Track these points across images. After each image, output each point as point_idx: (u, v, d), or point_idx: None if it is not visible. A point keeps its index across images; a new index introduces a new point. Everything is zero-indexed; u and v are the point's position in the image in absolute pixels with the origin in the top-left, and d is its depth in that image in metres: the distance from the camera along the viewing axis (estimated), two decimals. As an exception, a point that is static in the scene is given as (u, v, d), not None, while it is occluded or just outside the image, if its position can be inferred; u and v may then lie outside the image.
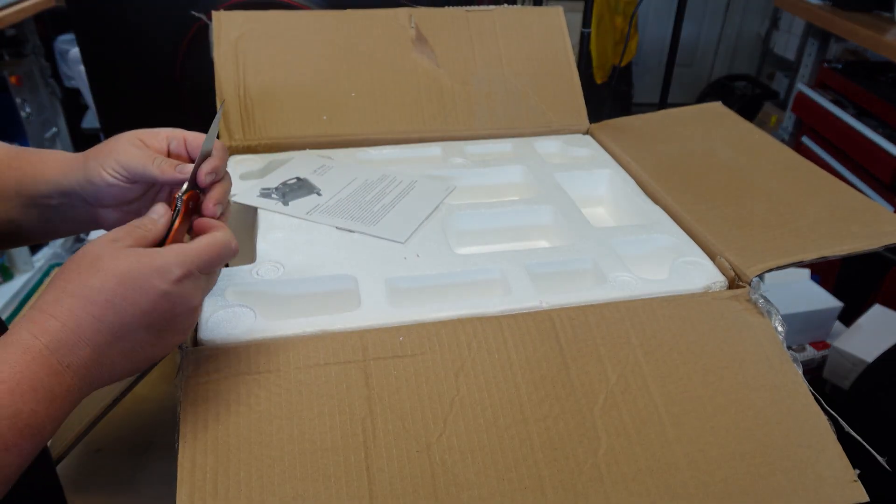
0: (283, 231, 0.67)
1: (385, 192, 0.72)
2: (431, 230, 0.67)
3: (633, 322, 0.56)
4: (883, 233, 0.62)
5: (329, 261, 0.62)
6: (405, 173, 0.76)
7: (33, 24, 1.83)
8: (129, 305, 0.41)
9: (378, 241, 0.65)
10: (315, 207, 0.69)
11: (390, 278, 0.60)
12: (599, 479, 0.47)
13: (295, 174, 0.73)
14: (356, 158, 0.80)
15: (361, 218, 0.67)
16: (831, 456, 0.49)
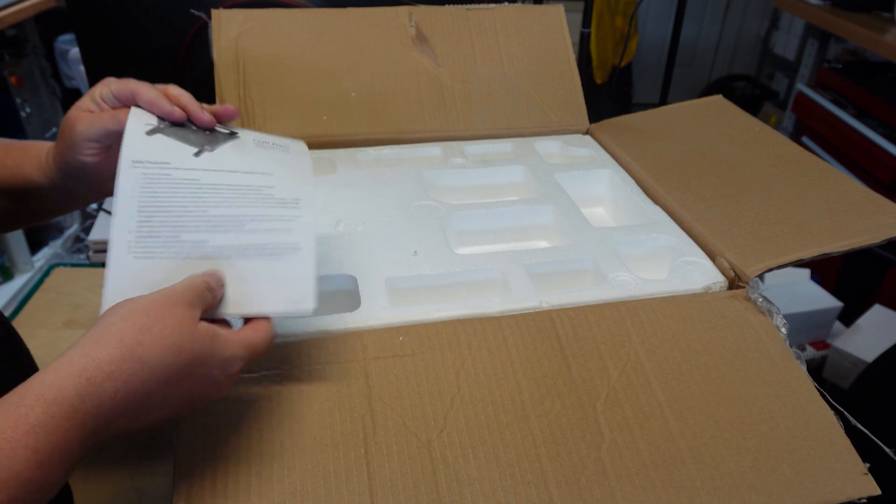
0: (283, 230, 0.67)
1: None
2: (431, 230, 0.67)
3: (634, 321, 0.56)
4: (884, 225, 0.61)
5: (329, 261, 0.62)
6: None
7: (33, 24, 1.83)
8: (181, 387, 0.40)
9: (378, 241, 0.65)
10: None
11: (390, 278, 0.60)
12: (603, 474, 0.47)
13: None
14: (356, 159, 0.80)
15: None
16: (839, 449, 0.49)
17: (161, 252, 0.45)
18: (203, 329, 0.40)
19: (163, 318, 0.39)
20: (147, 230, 0.45)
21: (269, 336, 0.45)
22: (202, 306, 0.42)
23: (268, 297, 0.46)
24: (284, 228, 0.47)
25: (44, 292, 1.03)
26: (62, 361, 0.36)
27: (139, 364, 0.37)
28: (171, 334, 0.38)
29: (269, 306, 0.45)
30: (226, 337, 0.42)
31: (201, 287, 0.42)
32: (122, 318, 0.39)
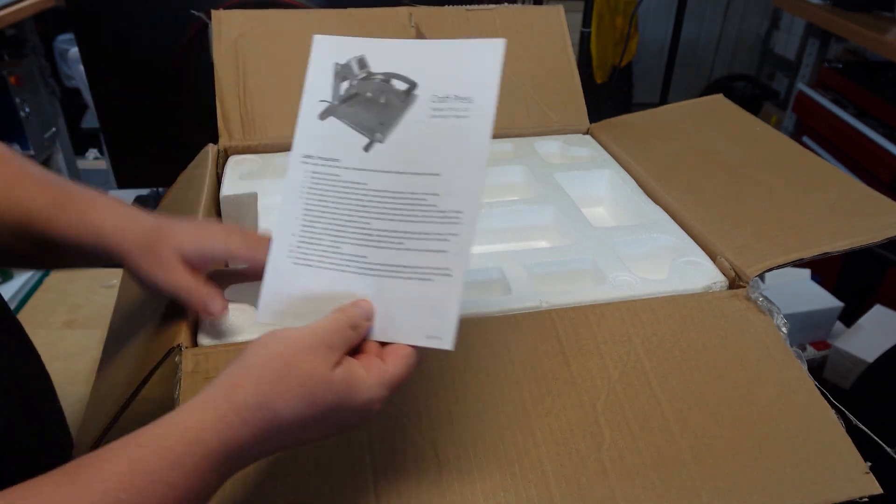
0: (283, 230, 0.66)
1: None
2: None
3: (634, 321, 0.56)
4: (885, 225, 0.61)
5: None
6: None
7: (33, 24, 1.83)
8: (315, 432, 0.40)
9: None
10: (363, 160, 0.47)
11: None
12: (604, 473, 0.47)
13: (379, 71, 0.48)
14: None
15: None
16: (841, 449, 0.49)
17: (319, 262, 0.45)
18: (339, 377, 0.39)
19: (299, 365, 0.38)
20: (309, 236, 0.45)
21: (411, 366, 0.42)
22: (344, 347, 0.41)
23: (410, 325, 0.43)
24: (439, 250, 0.44)
25: (44, 292, 1.02)
26: (205, 400, 0.37)
27: (272, 414, 0.37)
28: (306, 383, 0.38)
29: (408, 336, 0.43)
30: (362, 380, 0.40)
31: (344, 326, 0.41)
32: (263, 361, 0.38)
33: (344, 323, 0.41)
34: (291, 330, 0.40)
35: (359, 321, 0.42)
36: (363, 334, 0.43)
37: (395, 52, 0.46)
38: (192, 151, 0.83)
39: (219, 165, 0.79)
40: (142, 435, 0.35)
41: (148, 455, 0.34)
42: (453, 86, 0.45)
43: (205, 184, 0.73)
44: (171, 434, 0.35)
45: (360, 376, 0.40)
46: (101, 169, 2.11)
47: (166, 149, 1.15)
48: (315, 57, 0.47)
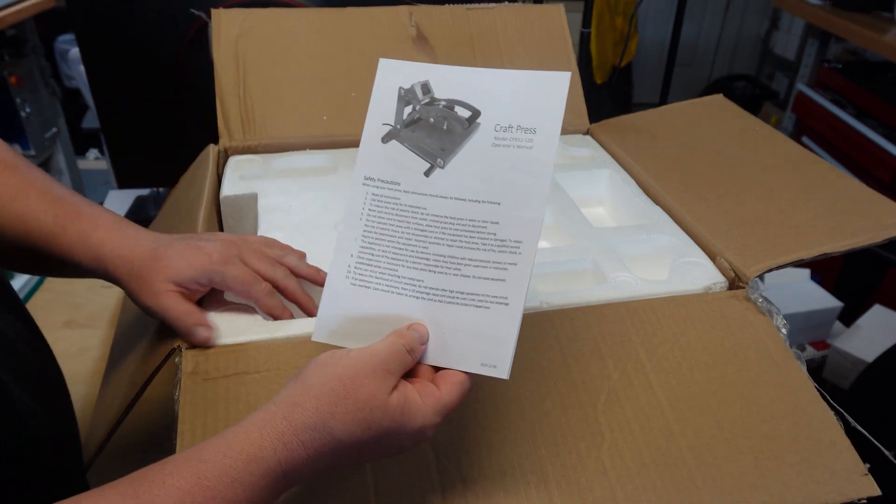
0: (283, 232, 0.67)
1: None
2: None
3: (634, 321, 0.56)
4: (885, 225, 0.61)
5: (329, 261, 0.62)
6: None
7: (33, 24, 1.83)
8: (370, 455, 0.40)
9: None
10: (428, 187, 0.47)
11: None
12: (604, 474, 0.47)
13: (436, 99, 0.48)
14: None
15: None
16: (840, 450, 0.49)
17: (376, 284, 0.45)
18: (395, 402, 0.39)
19: (358, 388, 0.39)
20: (367, 257, 0.46)
21: (465, 393, 0.42)
22: (400, 371, 0.41)
23: (465, 352, 0.43)
24: (497, 279, 0.44)
25: (44, 292, 1.02)
26: (265, 418, 0.38)
27: (329, 436, 0.38)
28: (363, 408, 0.38)
29: (463, 363, 0.43)
30: (417, 407, 0.40)
31: (402, 351, 0.42)
32: (322, 381, 0.39)
33: (401, 347, 0.42)
34: (351, 352, 0.41)
35: (415, 345, 0.43)
36: (418, 358, 0.43)
37: (459, 79, 0.47)
38: (192, 151, 0.83)
39: (219, 166, 0.79)
40: (204, 450, 0.36)
41: (209, 471, 0.35)
42: (517, 116, 0.45)
43: (205, 184, 0.73)
44: (231, 451, 0.36)
45: (415, 402, 0.40)
46: (102, 169, 2.11)
47: (166, 149, 1.15)
48: (380, 80, 0.48)
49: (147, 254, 0.50)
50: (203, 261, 0.51)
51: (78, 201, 0.53)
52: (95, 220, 0.52)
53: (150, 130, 1.15)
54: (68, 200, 0.52)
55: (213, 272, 0.51)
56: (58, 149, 1.97)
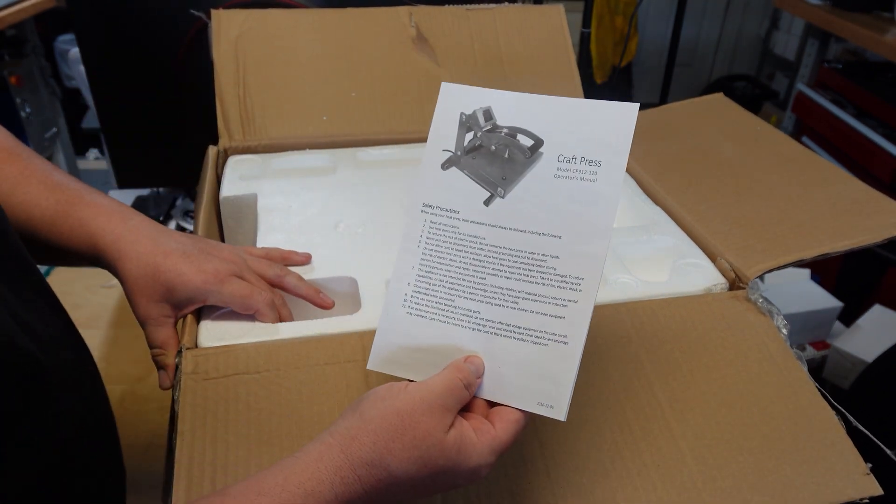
0: (283, 233, 0.67)
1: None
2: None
3: (634, 322, 0.56)
4: (885, 225, 0.61)
5: (329, 262, 0.62)
6: None
7: (33, 24, 1.83)
8: (424, 491, 0.40)
9: (378, 243, 0.65)
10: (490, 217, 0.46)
11: (390, 279, 0.60)
12: (605, 475, 0.47)
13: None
14: (356, 159, 0.80)
15: None
16: (841, 449, 0.49)
17: (433, 314, 0.45)
18: (451, 441, 0.39)
19: (415, 425, 0.39)
20: (424, 286, 0.45)
21: (519, 432, 0.42)
22: (457, 407, 0.41)
23: (521, 389, 0.43)
24: (556, 315, 0.43)
25: (43, 292, 1.02)
26: (322, 450, 0.38)
27: (385, 472, 0.38)
28: (420, 445, 0.38)
29: (518, 401, 0.42)
30: (473, 446, 0.40)
31: (459, 386, 0.41)
32: (380, 415, 0.39)
33: (459, 382, 0.41)
34: (410, 386, 0.40)
35: (472, 379, 0.42)
36: (474, 390, 0.43)
37: (522, 107, 0.46)
38: (192, 151, 0.83)
39: (218, 166, 0.79)
40: (262, 482, 0.37)
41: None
42: (581, 147, 0.44)
43: (205, 184, 0.73)
44: (289, 485, 0.36)
45: (471, 441, 0.40)
46: (102, 169, 2.11)
47: (166, 149, 1.15)
48: (441, 105, 0.47)
49: (146, 261, 0.50)
50: (200, 280, 0.51)
51: (79, 187, 0.53)
52: (97, 208, 0.52)
53: (150, 130, 1.15)
54: (70, 186, 0.52)
55: (210, 292, 0.52)
56: (58, 149, 1.97)
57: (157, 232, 0.52)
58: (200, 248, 0.53)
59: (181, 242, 0.52)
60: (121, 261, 0.50)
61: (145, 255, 0.50)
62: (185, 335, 0.52)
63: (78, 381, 0.47)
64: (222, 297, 0.52)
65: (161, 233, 0.52)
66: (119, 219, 0.52)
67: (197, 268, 0.51)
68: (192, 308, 0.53)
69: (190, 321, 0.53)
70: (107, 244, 0.50)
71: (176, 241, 0.52)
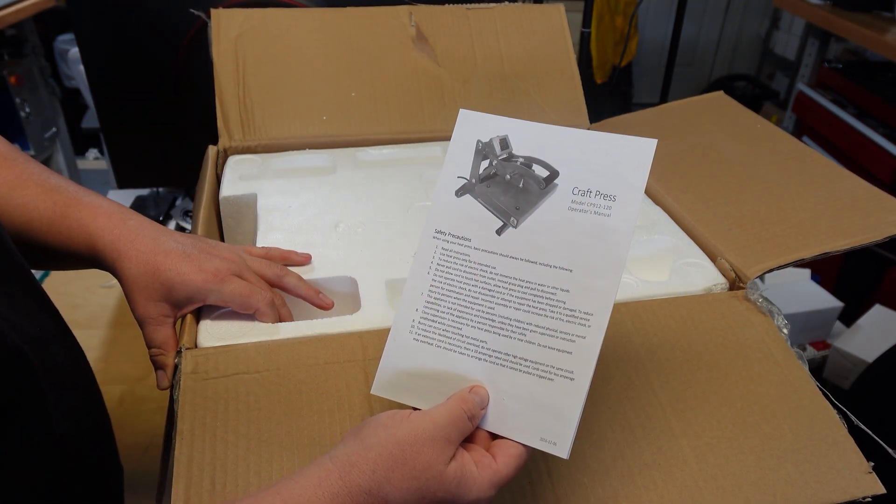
0: (283, 233, 0.66)
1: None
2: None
3: (635, 322, 0.56)
4: (886, 223, 0.61)
5: (329, 262, 0.62)
6: None
7: (33, 24, 1.83)
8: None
9: (378, 243, 0.65)
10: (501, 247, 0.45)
11: (390, 279, 0.60)
12: (605, 474, 0.47)
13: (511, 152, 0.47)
14: (356, 159, 0.80)
15: None
16: (843, 448, 0.49)
17: (439, 341, 0.44)
18: (451, 473, 0.39)
19: (416, 455, 0.38)
20: (432, 313, 0.45)
21: (520, 467, 0.42)
22: (460, 439, 0.41)
23: (524, 423, 0.42)
24: (564, 350, 0.42)
25: (43, 292, 1.02)
26: (321, 475, 0.38)
27: (383, 501, 0.38)
28: (419, 476, 0.38)
29: (521, 435, 0.42)
30: (473, 480, 0.40)
31: (463, 418, 0.41)
32: (381, 443, 0.39)
33: (462, 414, 0.41)
34: (413, 415, 0.40)
35: (476, 411, 0.42)
36: (477, 422, 0.43)
37: (539, 137, 0.46)
38: (192, 151, 0.83)
39: (218, 166, 0.79)
40: (259, 503, 0.36)
41: None
42: (597, 181, 0.44)
43: (204, 184, 0.73)
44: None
45: (471, 474, 0.40)
46: (101, 169, 2.11)
47: (166, 149, 1.15)
48: (458, 131, 0.47)
49: (145, 260, 0.50)
50: (200, 279, 0.51)
51: (76, 190, 0.52)
52: (95, 209, 0.51)
53: (150, 130, 1.15)
54: (67, 189, 0.52)
55: (210, 291, 0.51)
56: (58, 149, 1.97)
57: (157, 231, 0.52)
58: (200, 247, 0.53)
59: (181, 242, 0.52)
60: (120, 260, 0.50)
61: (145, 254, 0.50)
62: (184, 335, 0.52)
63: (70, 381, 0.47)
64: (222, 297, 0.52)
65: (161, 232, 0.52)
66: (118, 219, 0.51)
67: (197, 267, 0.51)
68: (191, 307, 0.53)
69: (189, 321, 0.53)
70: (105, 244, 0.50)
71: (175, 241, 0.52)
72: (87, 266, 0.53)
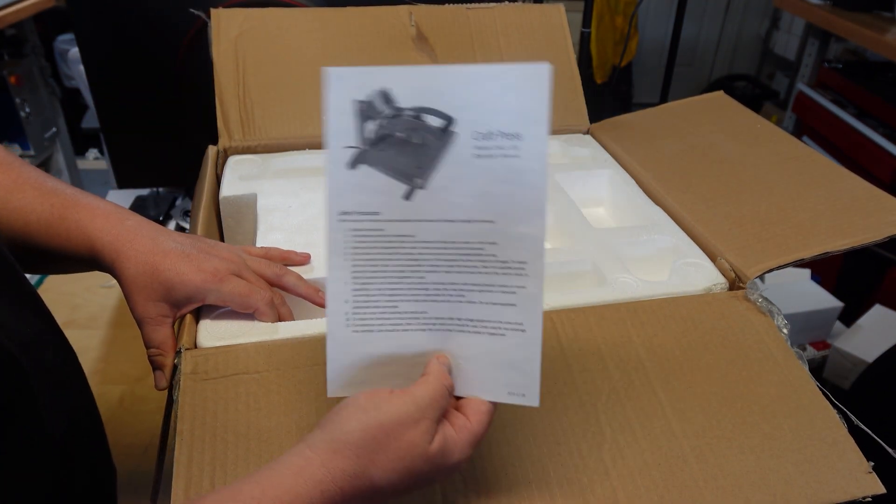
0: (283, 232, 0.66)
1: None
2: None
3: (634, 322, 0.56)
4: (886, 223, 0.61)
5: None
6: None
7: (33, 24, 1.83)
8: (406, 491, 0.40)
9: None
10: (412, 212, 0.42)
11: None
12: (605, 473, 0.47)
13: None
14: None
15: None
16: (843, 448, 0.49)
17: (379, 325, 0.42)
18: (436, 448, 0.39)
19: (400, 437, 0.38)
20: (363, 300, 0.42)
21: (491, 420, 0.42)
22: (442, 415, 0.41)
23: (488, 381, 0.42)
24: (507, 303, 0.41)
25: (44, 292, 1.02)
26: (302, 464, 0.37)
27: (369, 483, 0.38)
28: (405, 456, 0.38)
29: (489, 394, 0.42)
30: (454, 443, 0.40)
31: (445, 395, 0.41)
32: (363, 428, 0.38)
33: (445, 391, 0.41)
34: (394, 396, 0.39)
35: (451, 382, 0.42)
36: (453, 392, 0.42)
37: (421, 83, 0.40)
38: (192, 151, 0.83)
39: (218, 166, 0.79)
40: (239, 493, 0.36)
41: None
42: (496, 121, 0.40)
43: (205, 184, 0.73)
44: (266, 498, 0.36)
45: (452, 440, 0.40)
46: (101, 169, 2.11)
47: (166, 149, 1.15)
48: (330, 95, 0.41)
49: (144, 260, 0.50)
50: (199, 279, 0.51)
51: (74, 192, 0.52)
52: (93, 210, 0.51)
53: (150, 130, 1.15)
54: (64, 191, 0.52)
55: (209, 290, 0.51)
56: (57, 149, 1.97)
57: (156, 231, 0.52)
58: (199, 247, 0.53)
59: (180, 242, 0.52)
60: (119, 261, 0.50)
61: (144, 253, 0.50)
62: (184, 335, 0.52)
63: (62, 382, 0.46)
64: (221, 296, 0.52)
65: (159, 232, 0.52)
66: (116, 219, 0.51)
67: (196, 267, 0.51)
68: (190, 307, 0.53)
69: (189, 321, 0.53)
70: (104, 245, 0.50)
71: (174, 241, 0.52)
72: (86, 268, 0.53)
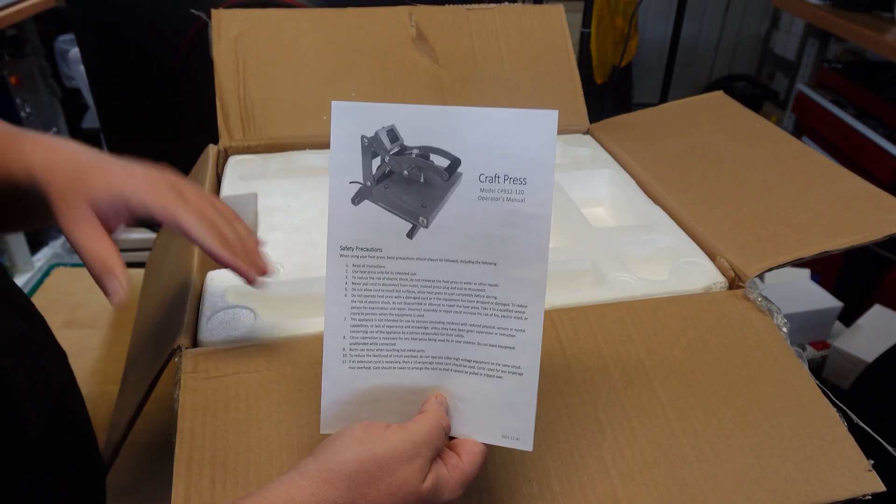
0: (283, 232, 0.67)
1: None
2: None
3: (634, 321, 0.56)
4: (885, 221, 0.61)
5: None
6: None
7: (33, 24, 1.83)
8: None
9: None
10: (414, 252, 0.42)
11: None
12: (605, 472, 0.47)
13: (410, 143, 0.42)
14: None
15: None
16: (843, 446, 0.49)
17: (376, 362, 0.42)
18: (428, 486, 0.38)
19: (394, 472, 0.38)
20: (361, 336, 0.42)
21: (483, 462, 0.42)
22: (437, 454, 0.40)
23: (483, 423, 0.42)
24: (505, 346, 0.41)
25: (44, 292, 1.02)
26: (292, 493, 0.36)
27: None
28: (397, 493, 0.37)
29: (483, 435, 0.42)
30: (446, 483, 0.39)
31: (441, 435, 0.40)
32: (356, 459, 0.38)
33: (441, 431, 0.41)
34: (390, 431, 0.39)
35: (448, 422, 0.42)
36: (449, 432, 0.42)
37: (429, 122, 0.41)
38: (192, 151, 0.83)
39: (219, 165, 0.79)
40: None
41: None
42: (503, 164, 0.40)
43: (205, 184, 0.73)
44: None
45: (444, 479, 0.40)
46: (101, 169, 2.10)
47: (166, 149, 1.15)
48: (337, 129, 0.41)
49: (72, 165, 0.45)
50: (124, 180, 0.44)
51: (24, 131, 0.48)
52: (35, 142, 0.47)
53: (150, 130, 1.15)
54: (13, 130, 0.48)
55: (131, 192, 0.44)
56: (58, 149, 1.97)
57: (95, 152, 0.47)
58: (147, 165, 0.48)
59: (128, 161, 0.47)
60: (50, 180, 0.44)
61: (73, 161, 0.45)
62: (184, 335, 0.52)
63: (44, 381, 0.46)
64: (145, 202, 0.44)
65: (98, 154, 0.47)
66: (59, 146, 0.47)
67: (126, 171, 0.45)
68: (112, 213, 0.44)
69: (189, 320, 0.53)
70: (38, 168, 0.45)
71: (121, 160, 0.47)
72: (30, 205, 0.47)
